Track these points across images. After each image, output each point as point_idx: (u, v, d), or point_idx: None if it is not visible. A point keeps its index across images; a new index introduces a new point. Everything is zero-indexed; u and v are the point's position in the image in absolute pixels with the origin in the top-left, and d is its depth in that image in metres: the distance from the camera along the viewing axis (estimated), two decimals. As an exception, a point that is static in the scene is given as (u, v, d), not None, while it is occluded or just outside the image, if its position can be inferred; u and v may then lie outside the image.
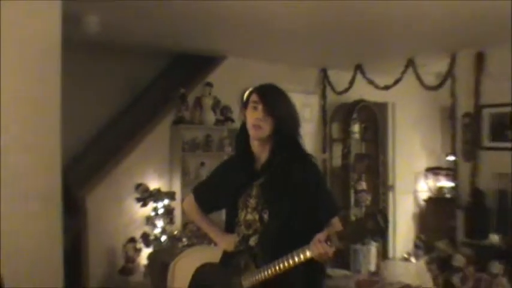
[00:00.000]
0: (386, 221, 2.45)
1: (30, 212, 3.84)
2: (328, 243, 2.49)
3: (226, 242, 3.00)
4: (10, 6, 3.74)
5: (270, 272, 2.68)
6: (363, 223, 2.50)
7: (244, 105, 2.96)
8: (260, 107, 2.84)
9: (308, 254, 2.55)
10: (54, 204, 4.01)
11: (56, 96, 4.00)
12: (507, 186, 7.02)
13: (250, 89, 2.99)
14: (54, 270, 3.98)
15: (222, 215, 3.24)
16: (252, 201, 2.89)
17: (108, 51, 7.16)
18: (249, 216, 2.88)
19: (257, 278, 2.74)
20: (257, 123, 2.84)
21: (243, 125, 2.95)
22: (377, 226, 2.46)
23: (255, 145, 2.92)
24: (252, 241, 2.87)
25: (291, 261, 2.61)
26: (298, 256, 2.58)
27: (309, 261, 2.73)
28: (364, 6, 5.24)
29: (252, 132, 2.88)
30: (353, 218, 9.03)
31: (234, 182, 2.99)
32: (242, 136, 2.97)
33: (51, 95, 3.99)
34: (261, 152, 2.92)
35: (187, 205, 3.33)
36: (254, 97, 2.89)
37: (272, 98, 2.89)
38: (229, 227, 3.01)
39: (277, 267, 2.64)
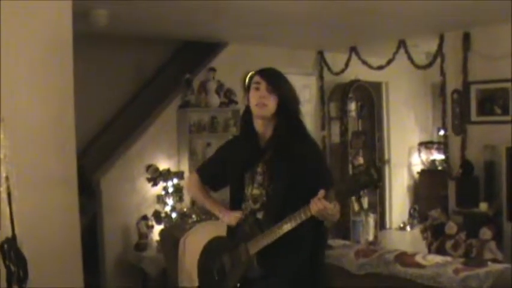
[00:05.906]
0: (379, 173, 2.46)
1: (49, 196, 3.88)
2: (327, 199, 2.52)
3: (230, 218, 2.99)
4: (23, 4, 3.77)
5: (274, 233, 2.70)
6: (358, 177, 2.50)
7: (247, 88, 2.98)
8: (263, 85, 2.86)
9: (309, 212, 2.57)
10: (70, 187, 4.04)
11: (69, 84, 4.01)
12: (494, 158, 7.04)
13: (252, 72, 3.01)
14: (72, 248, 4.02)
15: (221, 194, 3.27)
16: (259, 178, 2.91)
17: (118, 41, 7.15)
18: (256, 191, 2.91)
19: (263, 242, 2.76)
20: (261, 101, 2.85)
21: (247, 108, 2.97)
22: (371, 179, 2.46)
23: (259, 124, 2.93)
24: (259, 215, 2.89)
25: (293, 221, 2.64)
26: (300, 215, 2.61)
27: (313, 231, 2.81)
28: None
29: (256, 110, 2.89)
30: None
31: (239, 158, 3.01)
32: (246, 117, 2.99)
33: (65, 83, 4.00)
34: (264, 131, 2.93)
35: (190, 183, 3.33)
36: (256, 78, 2.91)
37: (273, 77, 2.91)
38: (235, 202, 3.03)
39: (282, 228, 2.67)
